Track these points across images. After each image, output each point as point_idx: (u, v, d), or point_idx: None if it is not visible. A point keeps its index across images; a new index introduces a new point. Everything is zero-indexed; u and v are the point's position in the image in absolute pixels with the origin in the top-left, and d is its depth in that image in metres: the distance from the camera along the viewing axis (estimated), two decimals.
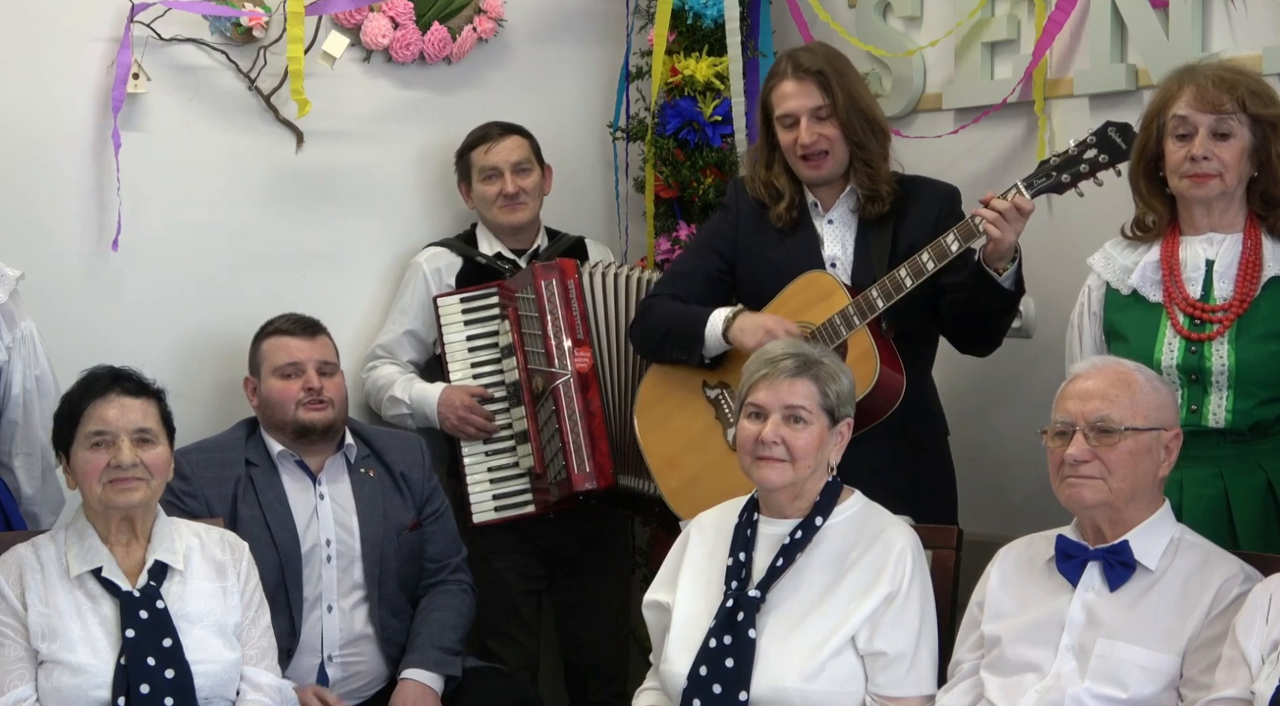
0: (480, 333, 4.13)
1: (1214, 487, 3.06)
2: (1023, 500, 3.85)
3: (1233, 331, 3.05)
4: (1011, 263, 3.37)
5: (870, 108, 3.64)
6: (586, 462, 3.96)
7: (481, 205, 4.22)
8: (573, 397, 3.99)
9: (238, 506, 3.60)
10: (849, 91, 3.59)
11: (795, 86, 3.59)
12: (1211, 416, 3.05)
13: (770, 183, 3.68)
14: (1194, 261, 3.12)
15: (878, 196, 3.60)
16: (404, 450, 3.80)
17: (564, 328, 4.01)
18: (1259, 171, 3.08)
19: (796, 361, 3.05)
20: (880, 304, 3.45)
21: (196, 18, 4.04)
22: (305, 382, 3.67)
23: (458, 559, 3.81)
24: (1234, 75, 3.07)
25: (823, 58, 3.62)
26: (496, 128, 4.22)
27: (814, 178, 3.65)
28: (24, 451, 3.56)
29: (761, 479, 3.04)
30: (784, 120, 3.62)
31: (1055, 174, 3.29)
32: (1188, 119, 3.05)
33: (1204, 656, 2.68)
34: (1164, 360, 3.08)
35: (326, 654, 3.61)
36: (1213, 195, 3.07)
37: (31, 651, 3.04)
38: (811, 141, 3.58)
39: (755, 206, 3.72)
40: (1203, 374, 3.06)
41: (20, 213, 3.88)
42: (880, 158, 3.61)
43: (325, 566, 3.62)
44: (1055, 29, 3.79)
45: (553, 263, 4.10)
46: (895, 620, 2.95)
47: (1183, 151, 3.06)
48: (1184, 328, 3.09)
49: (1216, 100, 3.03)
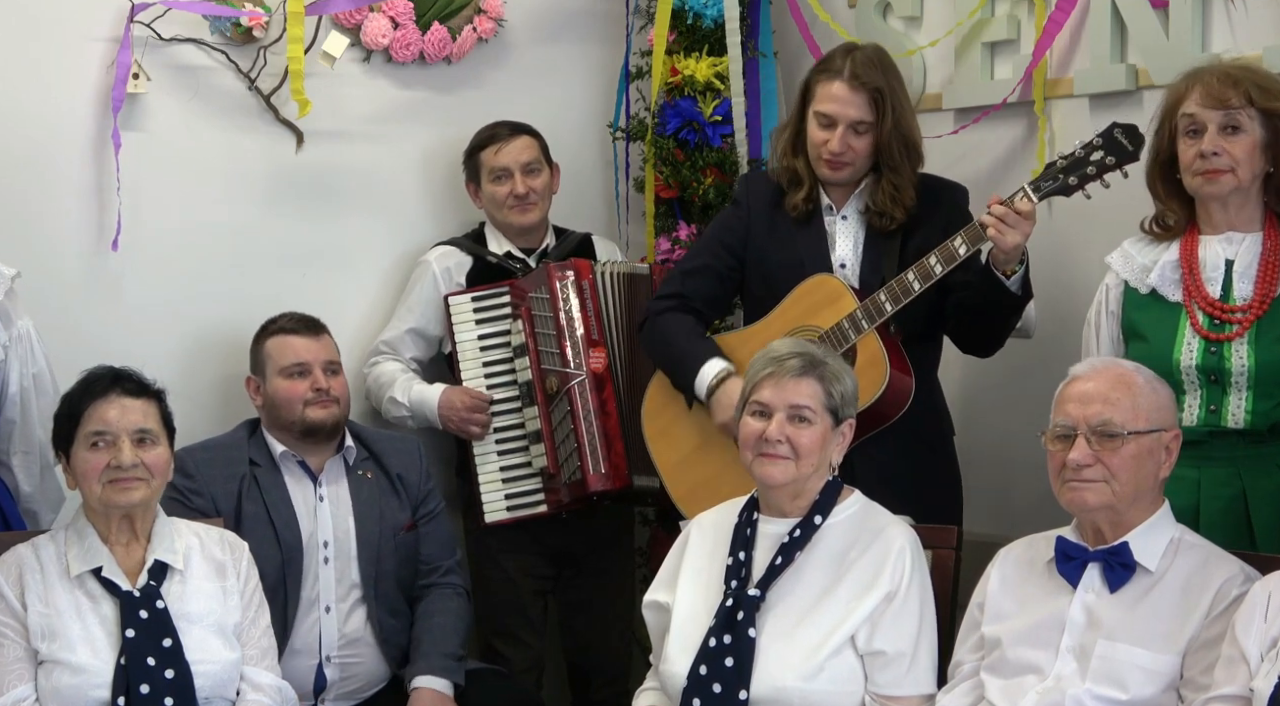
0: (492, 332, 4.11)
1: (1232, 488, 3.05)
2: (1025, 500, 3.85)
3: (1253, 332, 3.04)
4: (1020, 265, 3.36)
5: (911, 130, 3.58)
6: (602, 463, 3.95)
7: (491, 206, 4.20)
8: (588, 398, 3.98)
9: (242, 504, 3.60)
10: (898, 114, 3.53)
11: (847, 93, 3.52)
12: (1231, 417, 3.04)
13: (793, 167, 3.65)
14: (1213, 261, 3.11)
15: (889, 215, 3.56)
16: (401, 452, 3.80)
17: (579, 328, 4.00)
18: (1275, 167, 3.07)
19: (802, 361, 3.05)
20: (888, 308, 3.44)
21: (196, 18, 4.04)
22: (313, 382, 3.67)
23: (450, 561, 3.81)
24: (1241, 71, 3.08)
25: (881, 71, 3.54)
26: (505, 128, 4.19)
27: (830, 179, 3.63)
28: (22, 450, 3.55)
29: (764, 475, 3.04)
30: (821, 118, 3.56)
31: (1062, 177, 3.28)
32: (1196, 117, 3.05)
33: (1204, 657, 2.68)
34: (1183, 360, 3.07)
35: (324, 655, 3.60)
36: (1226, 191, 3.06)
37: (31, 651, 3.04)
38: (841, 151, 3.54)
39: (767, 201, 3.69)
40: (1222, 374, 3.04)
41: (20, 213, 3.88)
42: (908, 182, 3.56)
43: (323, 567, 3.62)
44: (1055, 29, 3.78)
45: (567, 262, 4.09)
46: (894, 619, 2.95)
47: (1194, 149, 3.05)
48: (1204, 327, 3.07)
49: (1223, 96, 3.03)
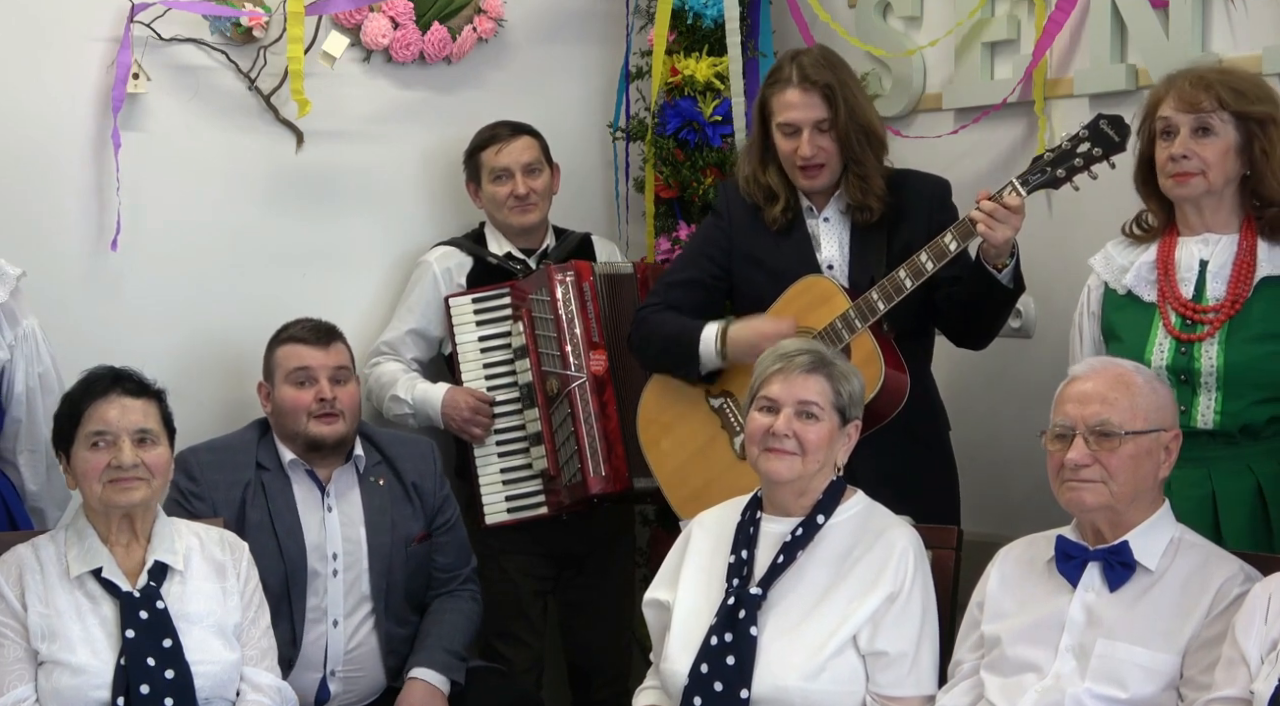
0: (493, 333, 4.10)
1: (1202, 489, 3.06)
2: (1023, 500, 3.85)
3: (1223, 332, 3.05)
4: (1010, 259, 3.36)
5: (869, 119, 3.60)
6: (603, 466, 3.95)
7: (491, 206, 4.19)
8: (588, 400, 3.97)
9: (246, 511, 3.57)
10: (851, 105, 3.56)
11: (800, 96, 3.56)
12: (1200, 417, 3.06)
13: (766, 184, 3.66)
14: (1188, 262, 3.12)
15: (866, 207, 3.59)
16: (416, 458, 3.76)
17: (580, 330, 4.00)
18: (1250, 169, 3.09)
19: (811, 358, 3.05)
20: (881, 306, 3.45)
21: (196, 18, 4.04)
22: (318, 392, 3.62)
23: (468, 569, 3.79)
24: (1215, 74, 3.11)
25: (828, 68, 3.58)
26: (506, 128, 4.18)
27: (809, 187, 3.64)
28: (29, 448, 3.55)
29: (770, 470, 3.04)
30: (785, 128, 3.59)
31: (1050, 169, 3.29)
32: (1170, 119, 3.08)
33: (1204, 656, 2.68)
34: (1154, 360, 3.09)
35: (329, 669, 3.58)
36: (1196, 194, 3.08)
37: (31, 652, 3.04)
38: (812, 154, 3.56)
39: (748, 210, 3.70)
40: (1192, 375, 3.06)
41: (20, 213, 3.88)
42: (874, 171, 3.59)
43: (331, 581, 3.59)
44: (1055, 29, 3.79)
45: (567, 264, 4.08)
46: (896, 620, 2.95)
47: (1166, 152, 3.08)
48: (1175, 328, 3.09)
49: (1194, 99, 3.05)
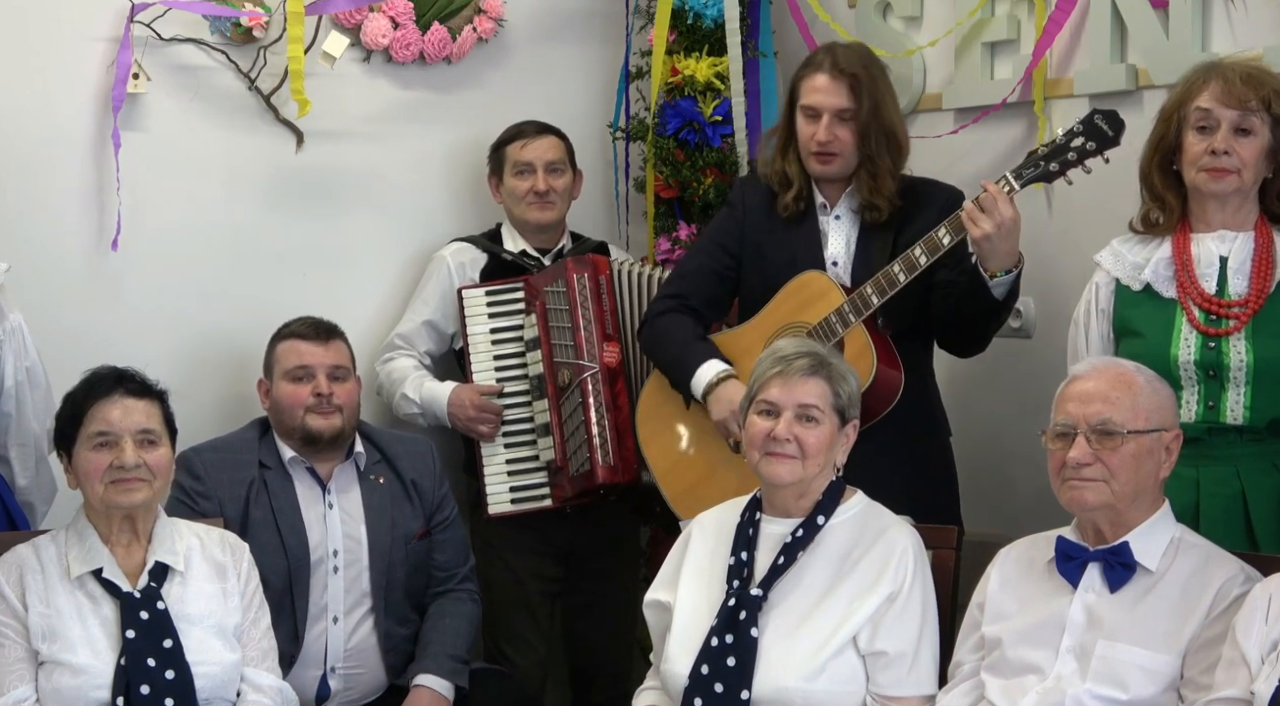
0: (504, 326, 4.11)
1: (1231, 488, 3.05)
2: (1024, 500, 3.85)
3: (1250, 327, 3.04)
4: (1006, 274, 3.35)
5: (892, 122, 3.62)
6: (612, 455, 3.95)
7: (510, 200, 4.20)
8: (600, 391, 3.98)
9: (249, 508, 3.57)
10: (876, 102, 3.59)
11: (828, 82, 3.59)
12: (1229, 413, 3.04)
13: (783, 170, 3.69)
14: (1207, 258, 3.11)
15: (874, 206, 3.60)
16: (415, 456, 3.76)
17: (594, 321, 4.00)
18: (1275, 173, 3.08)
19: (810, 360, 3.05)
20: (875, 300, 3.46)
21: (196, 18, 4.04)
22: (315, 388, 3.62)
23: (465, 568, 3.80)
24: (1262, 73, 3.08)
25: (861, 61, 3.61)
26: (532, 126, 4.21)
27: (820, 173, 3.66)
28: (17, 443, 3.55)
29: (771, 474, 3.04)
30: (807, 111, 3.62)
31: (1043, 163, 3.29)
32: (1211, 112, 3.04)
33: (1204, 657, 2.68)
34: (1181, 356, 3.07)
35: (329, 666, 3.58)
36: (1228, 191, 3.07)
37: (32, 652, 3.04)
38: (828, 140, 3.59)
39: (761, 203, 3.72)
40: (1220, 370, 3.04)
41: (20, 213, 3.88)
42: (887, 172, 3.60)
43: (332, 577, 3.59)
44: (1055, 29, 3.78)
45: (585, 257, 4.09)
46: (896, 620, 2.95)
47: (1203, 144, 3.05)
48: (1200, 322, 3.07)
49: (1243, 96, 3.02)
